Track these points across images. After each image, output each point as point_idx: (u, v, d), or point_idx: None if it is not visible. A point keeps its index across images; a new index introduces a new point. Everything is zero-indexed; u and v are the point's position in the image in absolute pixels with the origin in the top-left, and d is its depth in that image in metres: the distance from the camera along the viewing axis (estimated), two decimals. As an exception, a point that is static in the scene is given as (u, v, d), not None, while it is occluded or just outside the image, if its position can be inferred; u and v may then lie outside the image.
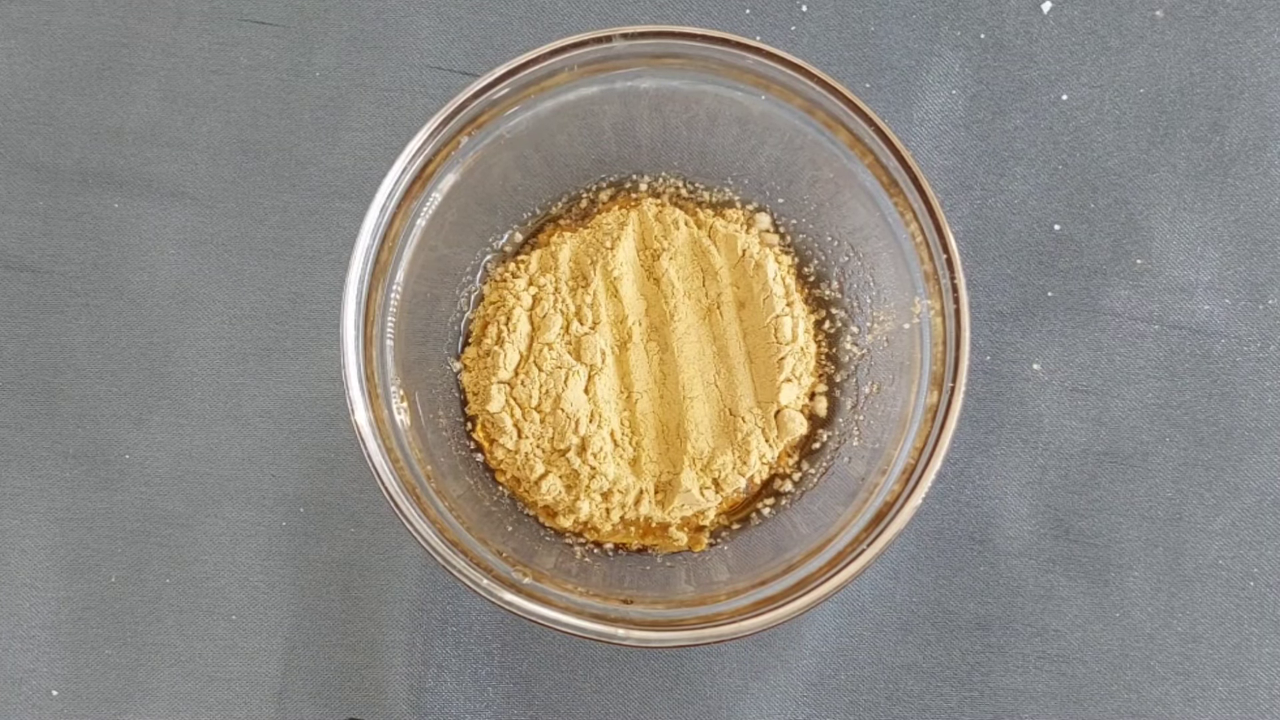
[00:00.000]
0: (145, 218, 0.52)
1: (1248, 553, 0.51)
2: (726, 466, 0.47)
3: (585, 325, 0.47)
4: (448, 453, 0.48)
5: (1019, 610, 0.51)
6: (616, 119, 0.47)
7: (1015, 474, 0.51)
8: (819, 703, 0.51)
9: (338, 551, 0.52)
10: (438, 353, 0.49)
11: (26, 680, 0.52)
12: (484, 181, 0.47)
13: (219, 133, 0.52)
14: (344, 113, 0.52)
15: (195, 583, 0.52)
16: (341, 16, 0.52)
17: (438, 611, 0.51)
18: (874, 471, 0.45)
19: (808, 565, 0.44)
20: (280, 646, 0.52)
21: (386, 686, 0.51)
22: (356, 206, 0.50)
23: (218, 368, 0.52)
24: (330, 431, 0.52)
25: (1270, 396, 0.51)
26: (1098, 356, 0.52)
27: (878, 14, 0.52)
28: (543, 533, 0.48)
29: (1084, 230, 0.52)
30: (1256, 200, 0.52)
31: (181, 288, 0.52)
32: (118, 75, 0.52)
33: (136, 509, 0.52)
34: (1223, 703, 0.51)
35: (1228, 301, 0.52)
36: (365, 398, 0.43)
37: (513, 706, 0.51)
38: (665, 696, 0.51)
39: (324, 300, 0.52)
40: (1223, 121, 0.52)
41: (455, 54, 0.52)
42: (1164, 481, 0.51)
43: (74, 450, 0.52)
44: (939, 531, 0.51)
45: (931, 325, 0.44)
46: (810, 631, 0.51)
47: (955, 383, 0.43)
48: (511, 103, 0.45)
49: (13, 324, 0.52)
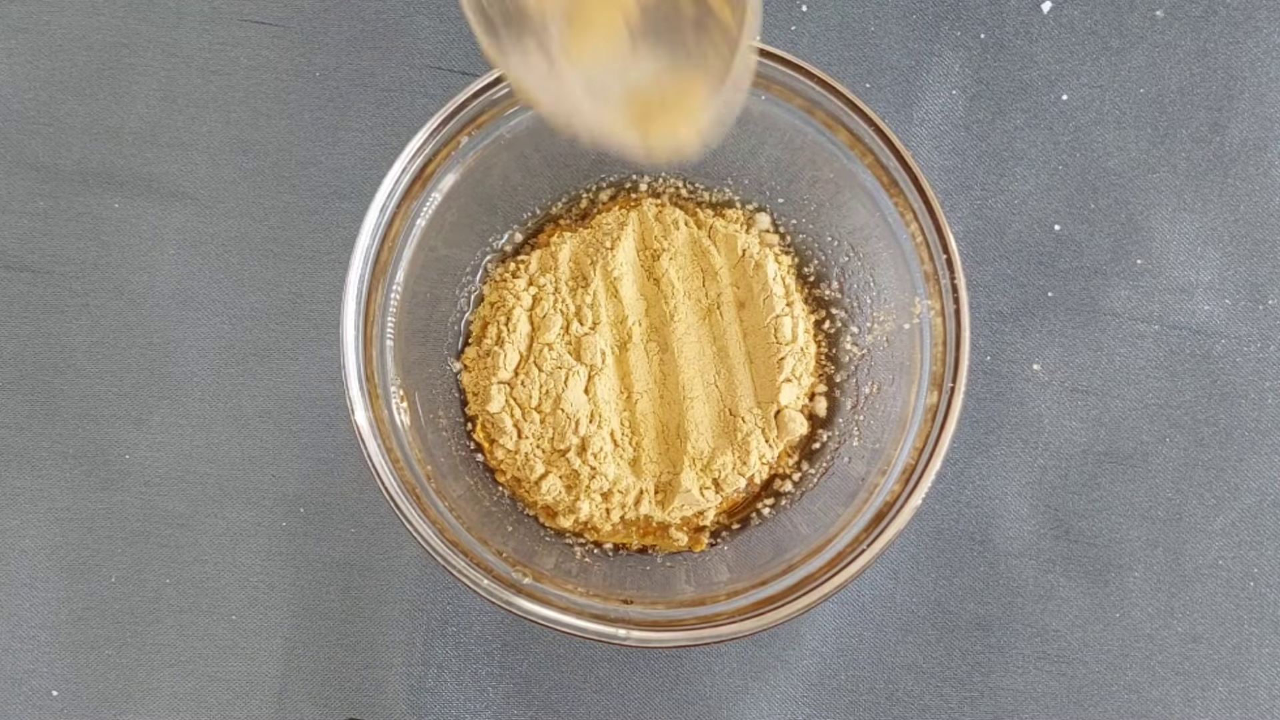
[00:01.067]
0: (145, 218, 0.52)
1: (1248, 553, 0.51)
2: (726, 466, 0.47)
3: (585, 325, 0.47)
4: (448, 453, 0.48)
5: (1019, 610, 0.51)
6: (617, 119, 0.47)
7: (1015, 474, 0.51)
8: (819, 703, 0.51)
9: (337, 552, 0.52)
10: (438, 353, 0.49)
11: (26, 680, 0.52)
12: (484, 181, 0.47)
13: (219, 133, 0.52)
14: (344, 113, 0.52)
15: (195, 583, 0.52)
16: (341, 16, 0.52)
17: (438, 611, 0.51)
18: (874, 472, 0.45)
19: (808, 565, 0.44)
20: (280, 646, 0.52)
21: (386, 686, 0.51)
22: (356, 206, 0.50)
23: (218, 368, 0.52)
24: (330, 431, 0.52)
25: (1270, 396, 0.51)
26: (1098, 357, 0.52)
27: (878, 14, 0.52)
28: (543, 533, 0.48)
29: (1084, 230, 0.52)
30: (1256, 200, 0.52)
31: (181, 288, 0.52)
32: (118, 75, 0.52)
33: (136, 509, 0.52)
34: (1223, 703, 0.51)
35: (1228, 302, 0.52)
36: (365, 398, 0.43)
37: (513, 706, 0.51)
38: (665, 696, 0.51)
39: (324, 300, 0.52)
40: (1223, 121, 0.52)
41: (455, 54, 0.52)
42: (1164, 481, 0.51)
43: (74, 450, 0.52)
44: (939, 531, 0.51)
45: (931, 325, 0.44)
46: (810, 631, 0.51)
47: (955, 383, 0.43)
48: (511, 103, 0.45)
49: (13, 324, 0.52)
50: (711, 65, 0.36)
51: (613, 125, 0.36)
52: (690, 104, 0.36)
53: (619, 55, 0.36)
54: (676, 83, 0.37)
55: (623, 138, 0.37)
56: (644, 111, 0.36)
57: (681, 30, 0.36)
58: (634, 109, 0.37)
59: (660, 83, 0.36)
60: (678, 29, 0.36)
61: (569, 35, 0.36)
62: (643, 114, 0.36)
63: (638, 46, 0.36)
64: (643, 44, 0.36)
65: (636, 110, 0.37)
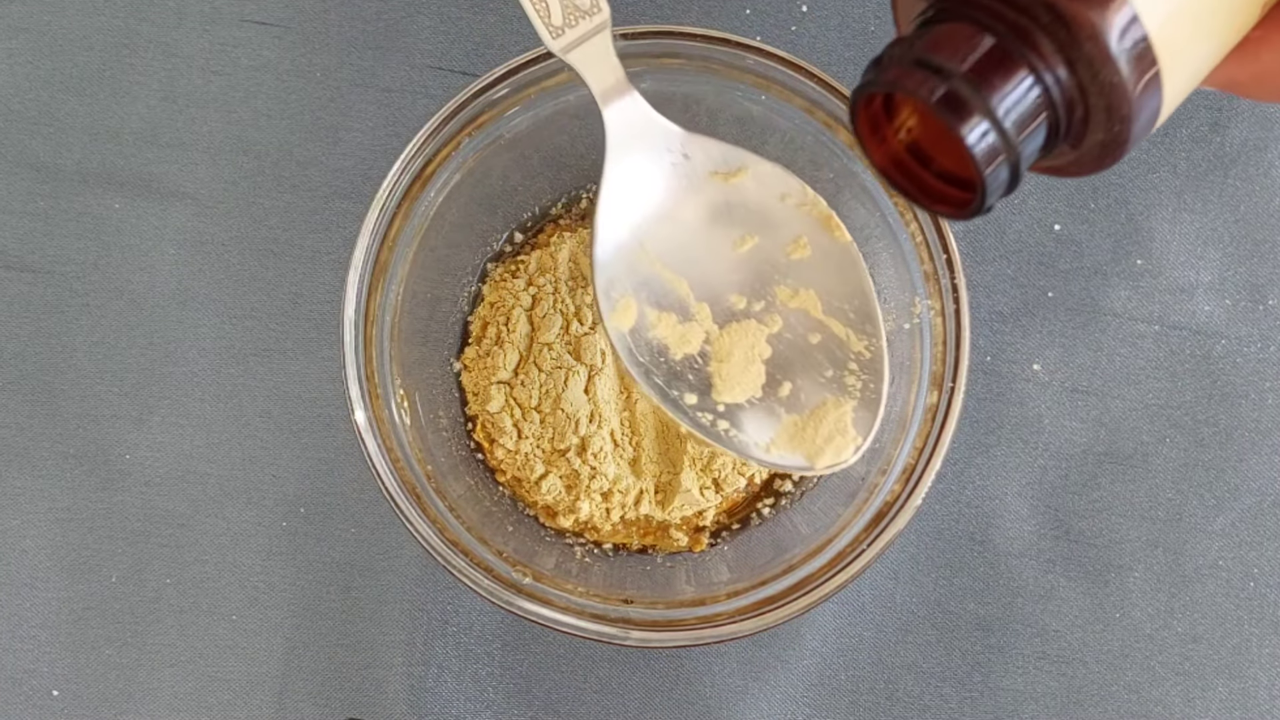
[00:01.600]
0: (145, 218, 0.52)
1: (1248, 553, 0.51)
2: (726, 466, 0.47)
3: (585, 325, 0.47)
4: (448, 453, 0.48)
5: (1019, 610, 0.51)
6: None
7: (1015, 474, 0.51)
8: (819, 703, 0.51)
9: (338, 552, 0.52)
10: (438, 353, 0.49)
11: (26, 680, 0.52)
12: (484, 181, 0.47)
13: (219, 133, 0.52)
14: (344, 113, 0.52)
15: (195, 583, 0.52)
16: (341, 16, 0.52)
17: (438, 611, 0.51)
18: (874, 471, 0.45)
19: (808, 565, 0.44)
20: (280, 646, 0.52)
21: (386, 686, 0.51)
22: (356, 206, 0.50)
23: (218, 368, 0.52)
24: (330, 431, 0.52)
25: (1270, 397, 0.51)
26: (1098, 357, 0.52)
27: (878, 14, 0.52)
28: (543, 533, 0.49)
29: (1084, 230, 0.52)
30: (1256, 201, 0.52)
31: (181, 288, 0.52)
32: (118, 76, 0.52)
33: (137, 509, 0.52)
34: (1223, 703, 0.51)
35: (1228, 302, 0.52)
36: (365, 398, 0.43)
37: (513, 706, 0.51)
38: (665, 696, 0.51)
39: (324, 300, 0.52)
40: (1223, 122, 0.52)
41: (455, 54, 0.52)
42: (1164, 482, 0.51)
43: (74, 450, 0.52)
44: (939, 531, 0.51)
45: (931, 325, 0.44)
46: (810, 632, 0.51)
47: (955, 383, 0.43)
48: (511, 103, 0.45)
49: (13, 324, 0.52)
50: (850, 387, 0.42)
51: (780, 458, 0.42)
52: (841, 426, 0.42)
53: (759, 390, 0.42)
54: (822, 409, 0.42)
55: (791, 462, 0.42)
56: (799, 435, 0.42)
57: (814, 360, 0.42)
58: (791, 435, 0.42)
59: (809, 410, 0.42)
60: (809, 360, 0.42)
61: (715, 380, 0.42)
62: (798, 437, 0.42)
63: (777, 380, 0.42)
64: (782, 377, 0.42)
65: (793, 435, 0.42)
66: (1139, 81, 0.28)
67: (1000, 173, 0.29)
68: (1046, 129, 0.29)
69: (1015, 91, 0.28)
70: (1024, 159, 0.29)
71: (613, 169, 0.41)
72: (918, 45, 0.29)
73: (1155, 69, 0.28)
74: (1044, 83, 0.28)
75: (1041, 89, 0.28)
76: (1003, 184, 0.29)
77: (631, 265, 0.42)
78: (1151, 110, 0.28)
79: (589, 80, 0.40)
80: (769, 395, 0.42)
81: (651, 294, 0.42)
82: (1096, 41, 0.27)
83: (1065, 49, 0.28)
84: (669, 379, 0.42)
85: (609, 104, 0.40)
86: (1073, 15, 0.27)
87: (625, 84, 0.40)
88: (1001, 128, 0.28)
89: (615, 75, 0.40)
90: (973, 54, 0.28)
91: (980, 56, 0.28)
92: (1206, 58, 0.29)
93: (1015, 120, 0.28)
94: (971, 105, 0.28)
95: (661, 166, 0.41)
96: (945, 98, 0.28)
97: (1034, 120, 0.28)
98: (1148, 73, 0.28)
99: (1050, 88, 0.28)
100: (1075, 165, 0.30)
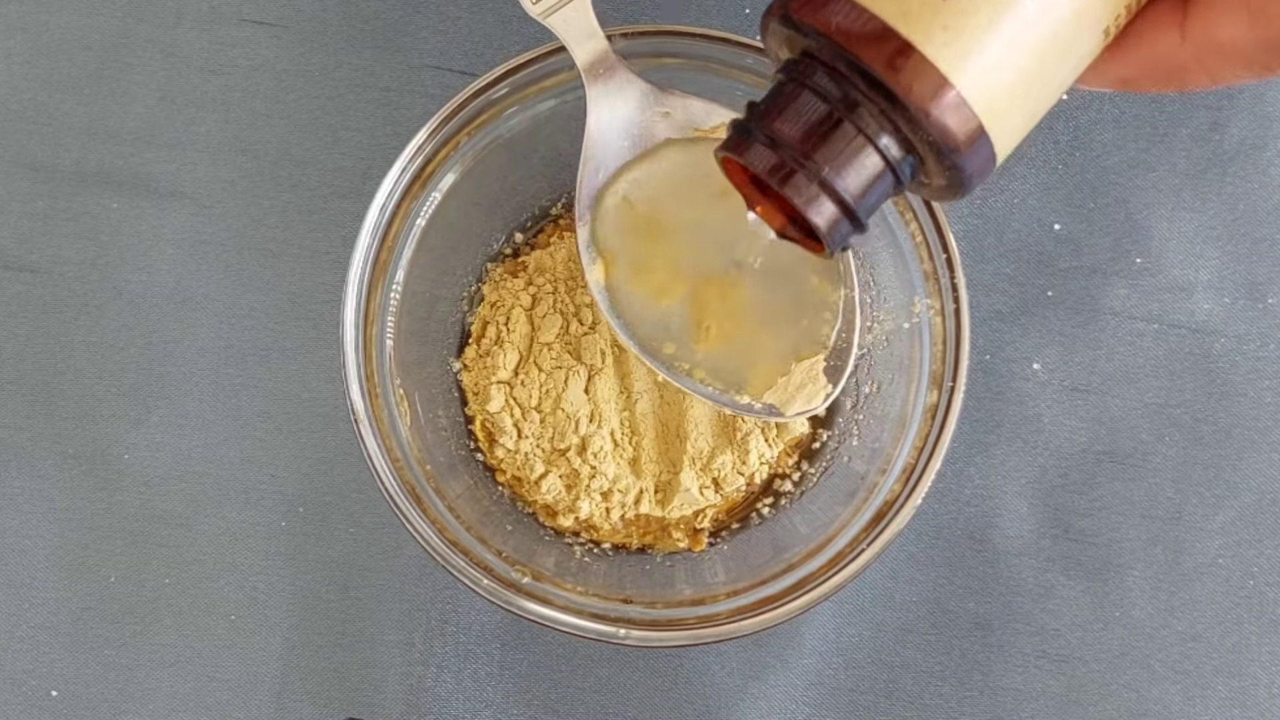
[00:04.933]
0: (144, 218, 0.52)
1: (1247, 551, 0.51)
2: (726, 466, 0.47)
3: (585, 325, 0.47)
4: (447, 452, 0.48)
5: (1018, 610, 0.51)
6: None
7: (1015, 474, 0.51)
8: (819, 703, 0.51)
9: (337, 551, 0.52)
10: (438, 353, 0.49)
11: (26, 680, 0.52)
12: (483, 181, 0.47)
13: (218, 133, 0.52)
14: (344, 113, 0.52)
15: (194, 583, 0.52)
16: (340, 16, 0.52)
17: (437, 611, 0.51)
18: (874, 471, 0.45)
19: (807, 565, 0.44)
20: (279, 646, 0.52)
21: (385, 686, 0.51)
22: (356, 206, 0.50)
23: (217, 368, 0.52)
24: (329, 431, 0.52)
25: (1269, 396, 0.51)
26: (1097, 356, 0.52)
27: (877, 13, 0.52)
28: (542, 532, 0.48)
29: (1084, 230, 0.52)
30: (1255, 199, 0.52)
31: (180, 288, 0.52)
32: (116, 76, 0.52)
33: (136, 509, 0.52)
34: (1222, 701, 0.51)
35: (1227, 300, 0.52)
36: (365, 398, 0.43)
37: (513, 706, 0.51)
38: (665, 696, 0.51)
39: (324, 300, 0.52)
40: (1222, 121, 0.52)
41: (454, 54, 0.52)
42: (1164, 481, 0.51)
43: (74, 450, 0.52)
44: (939, 531, 0.51)
45: (931, 325, 0.44)
46: (810, 631, 0.51)
47: (955, 382, 0.43)
48: (511, 103, 0.45)
49: (12, 324, 0.52)
50: (823, 336, 0.44)
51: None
52: (813, 374, 0.44)
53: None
54: (796, 357, 0.44)
55: (763, 410, 0.44)
56: (772, 382, 0.44)
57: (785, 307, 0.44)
58: (765, 383, 0.44)
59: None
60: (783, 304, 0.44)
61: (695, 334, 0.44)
62: (772, 385, 0.44)
63: (752, 329, 0.44)
64: (758, 326, 0.44)
65: (766, 383, 0.44)
66: (962, 138, 0.29)
67: (840, 228, 0.31)
68: (886, 180, 0.30)
69: (848, 158, 0.30)
70: (863, 211, 0.31)
71: (594, 125, 0.42)
72: (763, 118, 0.31)
73: (976, 123, 0.29)
74: (876, 145, 0.30)
75: (875, 151, 0.30)
76: (846, 234, 0.31)
77: (613, 218, 0.43)
78: (983, 158, 0.30)
79: (567, 42, 0.41)
80: (744, 344, 0.44)
81: (632, 246, 0.43)
82: (917, 107, 0.28)
83: (889, 115, 0.29)
84: (649, 329, 0.43)
85: (588, 65, 0.41)
86: (893, 84, 0.28)
87: (604, 45, 0.41)
88: (836, 194, 0.30)
89: (593, 37, 0.41)
90: (806, 125, 0.30)
91: (811, 127, 0.30)
92: (1040, 98, 0.30)
93: (849, 187, 0.30)
94: (806, 177, 0.30)
95: (642, 123, 0.42)
96: (781, 172, 0.30)
97: (869, 181, 0.30)
98: (969, 126, 0.29)
99: (884, 149, 0.30)
100: (935, 195, 0.32)
